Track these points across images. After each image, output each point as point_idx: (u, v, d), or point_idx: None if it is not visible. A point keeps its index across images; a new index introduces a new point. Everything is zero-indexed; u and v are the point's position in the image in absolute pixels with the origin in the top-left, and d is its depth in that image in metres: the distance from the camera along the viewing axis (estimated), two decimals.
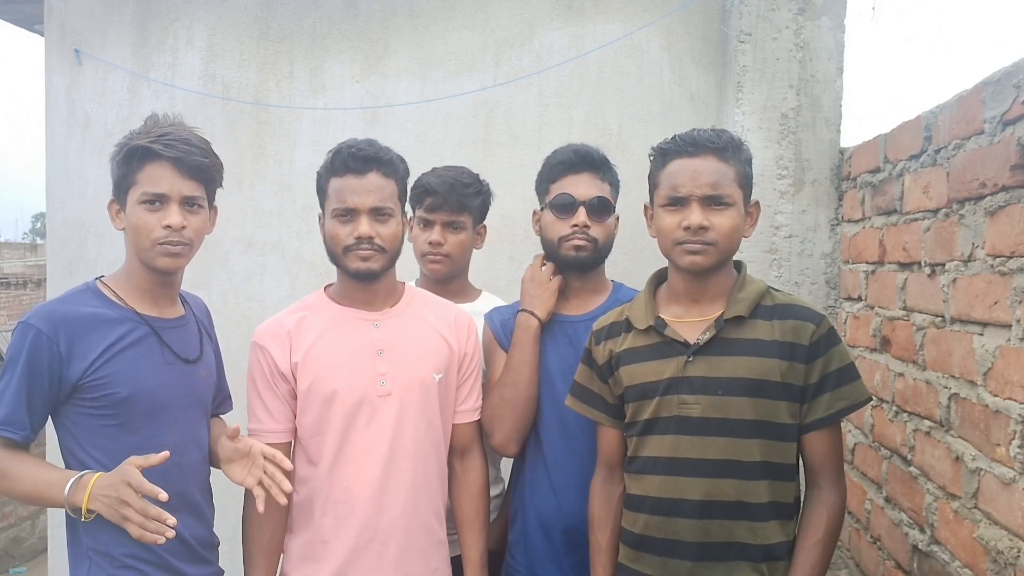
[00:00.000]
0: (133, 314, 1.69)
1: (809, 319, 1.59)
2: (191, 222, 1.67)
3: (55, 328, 1.59)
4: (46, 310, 1.63)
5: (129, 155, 1.65)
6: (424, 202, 2.08)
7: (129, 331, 1.67)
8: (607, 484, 1.77)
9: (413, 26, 2.84)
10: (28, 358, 1.58)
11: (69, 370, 1.60)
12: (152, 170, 1.64)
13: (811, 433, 1.59)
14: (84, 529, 1.62)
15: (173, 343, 1.73)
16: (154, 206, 1.64)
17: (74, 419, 1.64)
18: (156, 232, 1.64)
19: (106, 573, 1.62)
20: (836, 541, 1.61)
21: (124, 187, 1.67)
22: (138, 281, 1.72)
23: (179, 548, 1.68)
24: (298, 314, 1.84)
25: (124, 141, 1.68)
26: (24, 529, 6.90)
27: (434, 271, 2.11)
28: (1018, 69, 1.52)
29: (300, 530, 1.81)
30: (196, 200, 1.69)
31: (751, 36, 2.78)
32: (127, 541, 1.59)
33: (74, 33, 3.17)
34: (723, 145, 1.60)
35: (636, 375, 1.67)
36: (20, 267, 17.27)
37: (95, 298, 1.69)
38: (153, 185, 1.64)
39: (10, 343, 1.62)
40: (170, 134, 1.66)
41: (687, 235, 1.58)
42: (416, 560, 1.80)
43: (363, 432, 1.76)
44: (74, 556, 1.66)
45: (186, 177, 1.66)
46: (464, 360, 1.91)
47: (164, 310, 1.75)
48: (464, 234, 2.11)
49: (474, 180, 2.13)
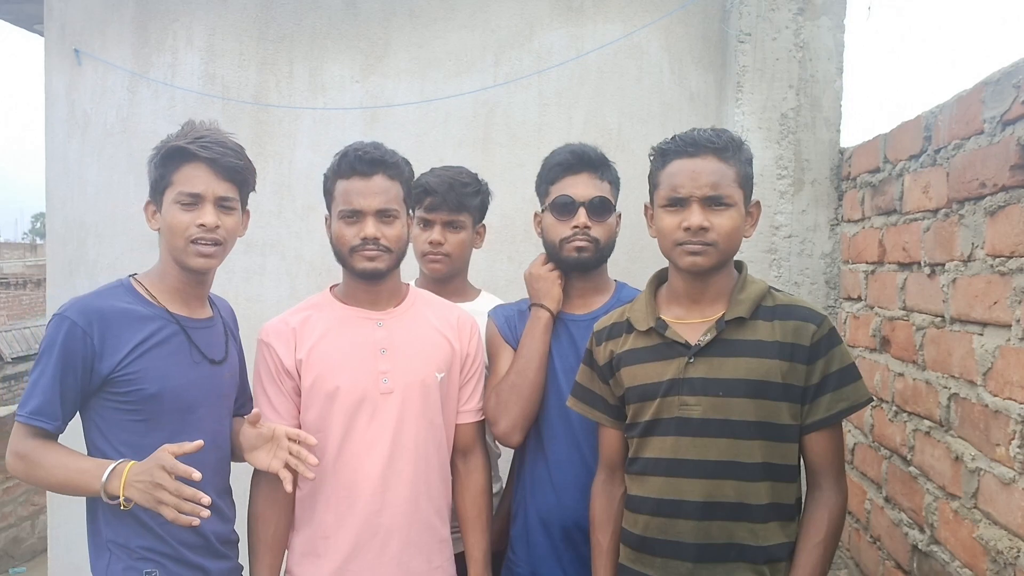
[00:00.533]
0: (164, 312, 1.73)
1: (810, 320, 1.59)
2: (224, 222, 1.72)
3: (90, 321, 1.63)
4: (81, 303, 1.67)
5: (167, 156, 1.70)
6: (423, 202, 2.09)
7: (160, 329, 1.70)
8: (608, 485, 1.77)
9: (413, 26, 2.84)
10: (63, 349, 1.61)
11: (101, 363, 1.63)
12: (188, 171, 1.70)
13: (812, 434, 1.59)
14: (104, 521, 1.67)
15: (201, 343, 1.77)
16: (189, 206, 1.69)
17: (101, 413, 1.67)
18: (190, 230, 1.69)
19: (125, 564, 1.65)
20: (837, 542, 1.60)
21: (160, 188, 1.72)
22: (171, 280, 1.76)
23: (198, 543, 1.73)
24: (304, 313, 1.87)
25: (161, 144, 1.73)
26: (24, 529, 6.90)
27: (434, 270, 2.12)
28: (1018, 69, 1.52)
29: (303, 526, 1.83)
30: (230, 201, 1.74)
31: (751, 36, 2.78)
32: (146, 534, 1.66)
33: (74, 33, 3.17)
34: (723, 145, 1.60)
35: (637, 376, 1.67)
36: (20, 267, 17.28)
37: (128, 294, 1.73)
38: (189, 185, 1.69)
39: (45, 334, 1.66)
40: (207, 137, 1.72)
41: (687, 236, 1.58)
42: (418, 557, 1.81)
43: (365, 429, 1.78)
44: (94, 547, 1.70)
45: (221, 178, 1.71)
46: (466, 360, 1.93)
47: (194, 310, 1.79)
48: (464, 233, 2.12)
49: (473, 180, 2.14)
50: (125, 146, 2.99)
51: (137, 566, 1.65)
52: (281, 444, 1.71)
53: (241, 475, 1.89)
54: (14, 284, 15.11)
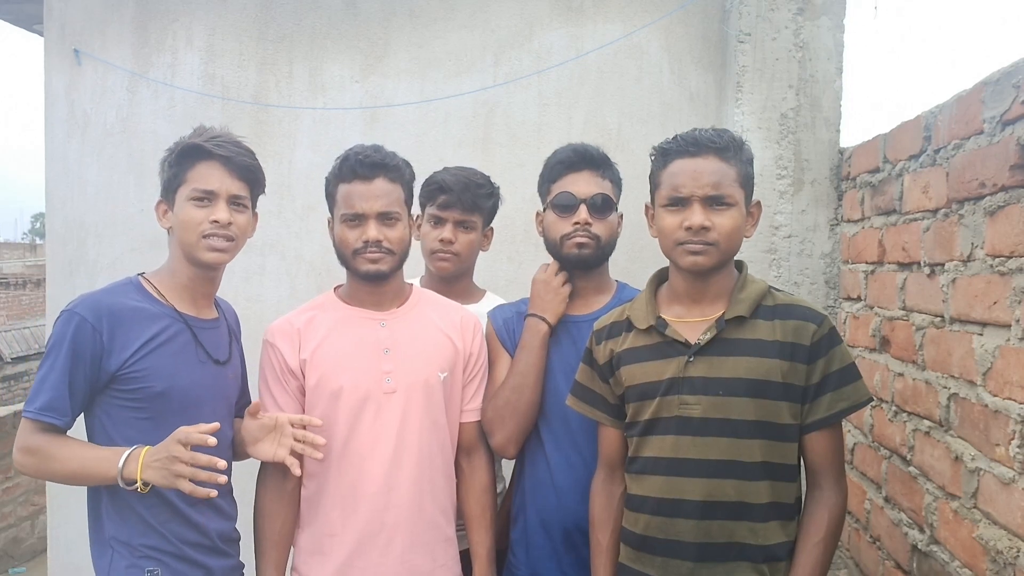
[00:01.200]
0: (172, 311, 1.75)
1: (810, 319, 1.59)
2: (237, 220, 1.75)
3: (99, 317, 1.64)
4: (91, 300, 1.68)
5: (182, 155, 1.73)
6: (437, 199, 2.09)
7: (167, 327, 1.72)
8: (608, 484, 1.77)
9: (413, 26, 2.84)
10: (72, 345, 1.62)
11: (110, 360, 1.64)
12: (203, 168, 1.73)
13: (812, 433, 1.59)
14: (108, 518, 1.68)
15: (207, 343, 1.78)
16: (203, 202, 1.72)
17: (107, 410, 1.68)
18: (203, 226, 1.71)
19: (128, 562, 1.66)
20: (837, 541, 1.61)
21: (174, 186, 1.75)
22: (181, 279, 1.77)
23: (200, 541, 1.74)
24: (308, 313, 1.88)
25: (175, 145, 1.76)
26: (24, 529, 6.89)
27: (442, 269, 2.11)
28: (1018, 69, 1.52)
29: (308, 524, 1.84)
30: (242, 200, 1.77)
31: (751, 36, 2.78)
32: (148, 532, 1.67)
33: (74, 33, 3.17)
34: (724, 145, 1.60)
35: (637, 375, 1.67)
36: (20, 267, 17.27)
37: (137, 292, 1.74)
38: (203, 182, 1.72)
39: (53, 330, 1.67)
40: (221, 137, 1.76)
41: (688, 235, 1.58)
42: (422, 555, 1.82)
43: (369, 429, 1.79)
44: (97, 545, 1.70)
45: (234, 176, 1.75)
46: (470, 360, 1.94)
47: (201, 310, 1.81)
48: (474, 234, 2.12)
49: (487, 181, 2.15)
50: (125, 146, 2.99)
51: (140, 564, 1.66)
52: (285, 431, 1.73)
53: (243, 475, 1.90)
54: (14, 284, 15.10)
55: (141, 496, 1.64)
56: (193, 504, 1.70)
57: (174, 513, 1.69)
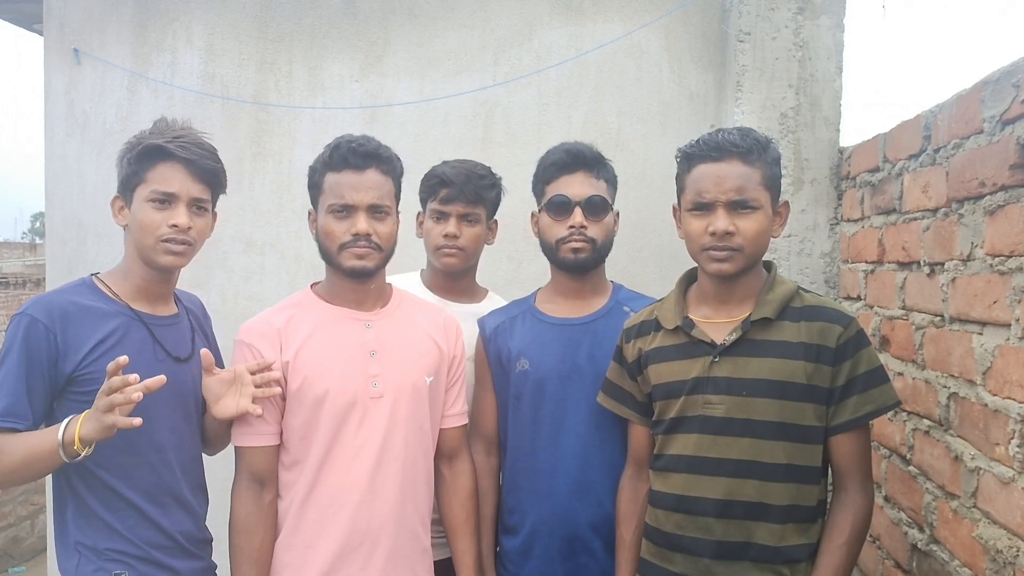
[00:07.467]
0: (127, 309, 1.70)
1: (837, 321, 1.59)
2: (196, 223, 1.70)
3: (52, 319, 1.59)
4: (43, 301, 1.63)
5: (143, 153, 1.67)
6: (439, 194, 2.03)
7: (122, 326, 1.67)
8: (634, 480, 1.80)
9: (412, 26, 2.84)
10: (26, 347, 1.57)
11: (65, 362, 1.59)
12: (164, 169, 1.67)
13: (838, 436, 1.59)
14: (72, 523, 1.64)
15: (165, 340, 1.73)
16: (162, 205, 1.67)
17: (67, 413, 1.61)
18: (161, 230, 1.66)
19: (95, 566, 1.63)
20: (861, 545, 1.60)
21: (132, 184, 1.69)
22: (135, 278, 1.72)
23: (166, 543, 1.69)
24: (286, 312, 1.79)
25: (135, 140, 1.70)
26: (23, 529, 6.89)
27: (448, 264, 2.05)
28: (1017, 69, 1.52)
29: (286, 535, 1.74)
30: (203, 203, 1.72)
31: (750, 35, 2.78)
32: (113, 536, 1.63)
33: (73, 33, 3.17)
34: (748, 148, 1.59)
35: (663, 374, 1.68)
36: (19, 267, 17.25)
37: (91, 292, 1.69)
38: (164, 184, 1.66)
39: (7, 334, 1.61)
40: (184, 137, 1.70)
41: (713, 240, 1.58)
42: (402, 567, 1.76)
43: (354, 434, 1.71)
44: (63, 549, 1.66)
45: (196, 179, 1.69)
46: (453, 363, 1.89)
47: (158, 308, 1.76)
48: (479, 227, 2.07)
49: (488, 172, 2.10)
50: None
51: (106, 567, 1.62)
52: (244, 380, 1.67)
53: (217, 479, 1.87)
54: (13, 284, 15.08)
55: (106, 500, 1.61)
56: (159, 504, 1.66)
57: (139, 516, 1.65)
